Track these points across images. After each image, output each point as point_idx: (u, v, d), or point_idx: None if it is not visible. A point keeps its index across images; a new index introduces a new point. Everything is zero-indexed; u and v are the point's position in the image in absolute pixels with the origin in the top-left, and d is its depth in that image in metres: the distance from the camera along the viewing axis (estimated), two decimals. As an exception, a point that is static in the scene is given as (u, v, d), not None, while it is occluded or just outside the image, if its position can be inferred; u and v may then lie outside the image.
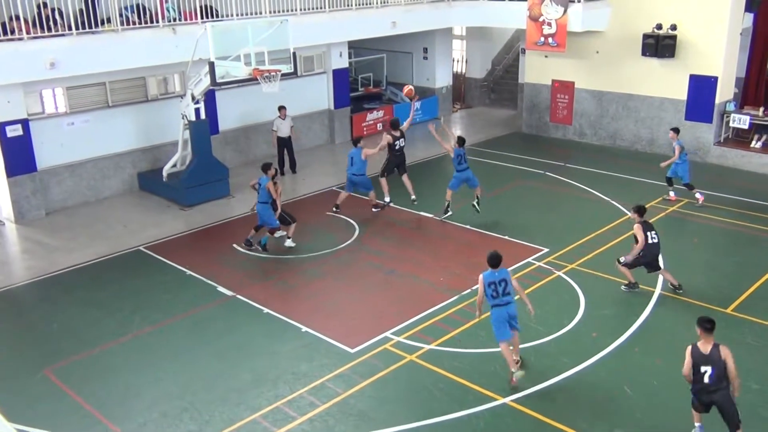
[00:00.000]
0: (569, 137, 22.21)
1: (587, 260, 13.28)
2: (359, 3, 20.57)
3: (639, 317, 11.23)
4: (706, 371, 7.82)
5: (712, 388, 7.87)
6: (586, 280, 12.50)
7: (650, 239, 11.62)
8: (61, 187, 16.56)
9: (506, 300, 9.47)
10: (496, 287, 9.41)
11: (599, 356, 10.18)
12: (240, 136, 19.89)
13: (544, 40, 20.34)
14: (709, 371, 7.81)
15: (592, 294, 11.99)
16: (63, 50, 14.75)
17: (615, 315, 11.37)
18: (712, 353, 7.82)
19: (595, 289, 12.20)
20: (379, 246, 14.14)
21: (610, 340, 10.58)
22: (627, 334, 10.73)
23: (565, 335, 10.76)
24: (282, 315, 11.51)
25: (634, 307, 11.55)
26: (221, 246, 14.32)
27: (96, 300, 12.23)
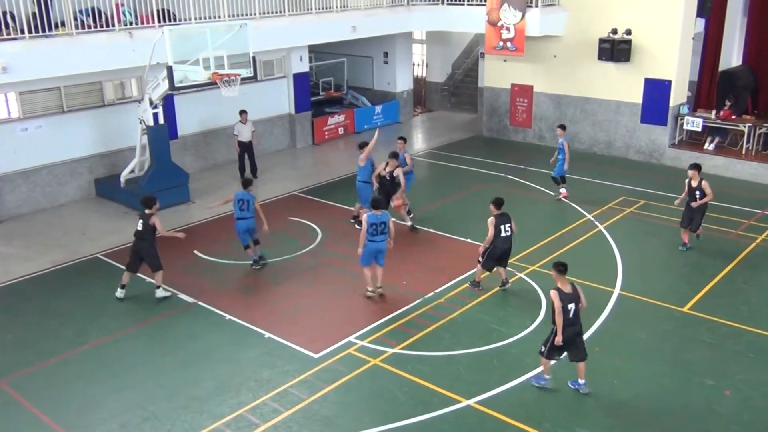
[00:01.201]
0: (529, 140, 22.46)
1: (548, 261, 13.42)
2: (319, 7, 20.53)
3: (599, 317, 11.40)
4: (572, 308, 8.99)
5: (574, 321, 9.04)
6: (547, 281, 12.61)
7: (503, 233, 11.82)
8: (15, 194, 16.16)
9: (380, 239, 11.67)
10: (376, 228, 11.55)
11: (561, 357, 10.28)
12: (200, 141, 19.67)
13: (502, 45, 20.54)
14: (573, 307, 8.99)
15: (553, 295, 12.10)
16: (15, 54, 14.39)
17: (576, 315, 11.48)
18: (573, 291, 9.03)
19: (556, 290, 12.32)
20: (342, 250, 14.10)
21: (571, 340, 10.70)
22: (587, 335, 10.83)
23: (528, 336, 10.86)
24: (245, 321, 11.41)
25: (593, 307, 11.67)
26: (182, 252, 14.12)
27: (52, 309, 11.96)
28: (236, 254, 13.94)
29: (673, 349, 10.65)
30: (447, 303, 11.87)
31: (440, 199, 17.23)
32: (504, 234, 11.84)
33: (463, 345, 10.59)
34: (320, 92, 25.10)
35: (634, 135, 20.40)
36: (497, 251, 11.95)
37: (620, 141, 20.71)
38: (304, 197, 17.47)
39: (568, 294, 9.02)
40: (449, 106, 27.88)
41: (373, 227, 11.51)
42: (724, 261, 13.40)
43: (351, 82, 25.99)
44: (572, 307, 8.99)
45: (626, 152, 20.67)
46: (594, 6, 20.16)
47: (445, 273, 12.92)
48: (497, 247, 11.91)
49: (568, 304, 8.98)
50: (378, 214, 11.54)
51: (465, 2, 21.88)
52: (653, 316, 11.55)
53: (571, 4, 20.63)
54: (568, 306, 8.99)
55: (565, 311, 8.97)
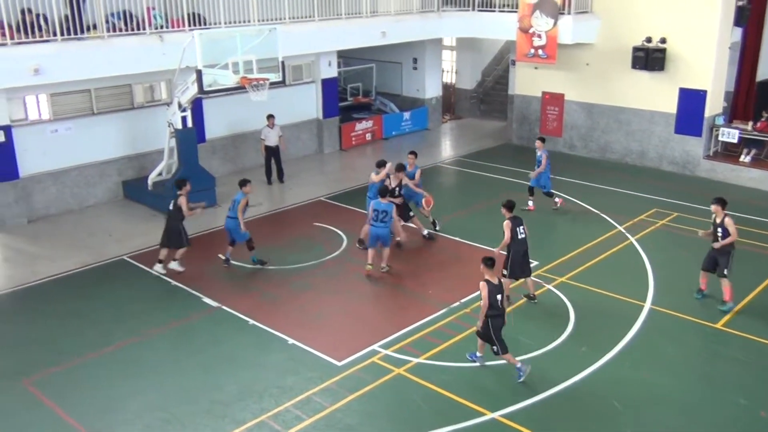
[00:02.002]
0: (559, 149, 22.31)
1: (577, 273, 13.31)
2: (349, 12, 20.63)
3: (629, 331, 11.25)
4: (500, 298, 9.78)
5: (501, 311, 9.81)
6: (576, 293, 12.52)
7: (518, 235, 11.81)
8: (44, 194, 16.43)
9: (381, 226, 13.02)
10: (378, 214, 12.94)
11: (589, 371, 10.18)
12: (227, 144, 19.84)
13: (534, 52, 20.45)
14: (500, 297, 9.78)
15: (582, 308, 12.01)
16: (47, 56, 14.67)
17: (605, 329, 11.38)
18: (500, 283, 9.85)
19: (585, 302, 12.23)
20: (367, 257, 14.08)
21: (599, 354, 10.59)
22: (616, 349, 10.75)
23: (555, 349, 10.76)
24: (268, 327, 11.46)
25: (623, 321, 11.58)
26: (207, 256, 14.24)
27: (78, 310, 12.12)
28: (261, 258, 14.00)
29: (704, 366, 10.48)
30: (473, 313, 11.79)
31: (468, 207, 17.17)
32: (520, 236, 11.87)
33: (488, 356, 10.49)
34: (348, 98, 25.19)
35: (668, 145, 20.16)
36: (518, 255, 11.91)
37: (653, 151, 20.48)
38: (331, 203, 17.52)
39: (496, 285, 9.74)
40: (479, 113, 27.80)
41: (375, 213, 13.01)
42: (760, 277, 13.17)
43: (379, 87, 26.05)
44: (500, 297, 9.79)
45: (659, 163, 20.44)
46: (628, 13, 19.99)
47: (472, 282, 12.79)
48: (517, 251, 11.88)
49: (496, 294, 9.72)
50: (383, 203, 12.97)
51: (496, 9, 21.85)
52: (684, 331, 11.37)
53: (605, 12, 20.49)
54: (497, 296, 9.74)
55: (494, 301, 9.71)
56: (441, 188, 19.41)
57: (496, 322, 9.78)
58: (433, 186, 19.10)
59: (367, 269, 13.26)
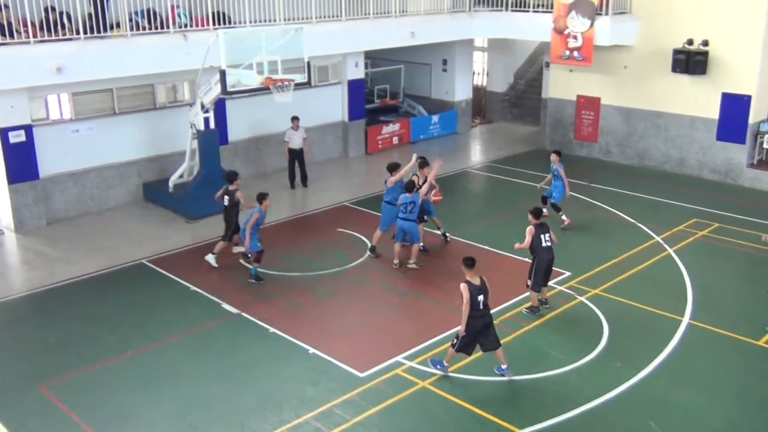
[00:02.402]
0: (594, 155, 22.14)
1: (611, 285, 13.17)
2: (377, 12, 20.70)
3: (666, 347, 11.10)
4: (481, 299, 9.80)
5: (484, 312, 9.85)
6: (610, 306, 12.39)
7: (543, 242, 11.83)
8: (64, 196, 16.68)
9: (409, 217, 13.58)
10: (406, 206, 13.54)
11: (623, 388, 10.06)
12: (250, 146, 19.99)
13: (569, 54, 20.34)
14: (482, 299, 9.81)
15: (617, 321, 11.88)
16: (70, 55, 14.92)
17: (640, 344, 11.24)
18: (482, 284, 9.84)
19: (620, 316, 12.09)
20: (391, 265, 14.09)
21: (634, 371, 10.47)
22: (653, 366, 10.61)
23: (587, 365, 10.65)
24: (289, 335, 11.49)
25: (660, 336, 11.43)
26: (227, 261, 14.33)
27: (96, 315, 12.27)
28: (282, 264, 14.08)
29: (745, 385, 10.29)
30: (501, 325, 11.71)
31: (497, 214, 17.10)
32: (545, 244, 11.90)
33: (517, 371, 10.44)
34: (375, 100, 25.24)
35: (709, 153, 19.90)
36: (543, 263, 11.94)
37: (694, 159, 20.23)
38: (355, 208, 17.55)
39: (477, 286, 9.79)
40: (510, 117, 27.70)
41: (403, 205, 13.54)
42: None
43: (407, 89, 26.07)
44: (482, 299, 9.81)
45: (700, 171, 20.18)
46: (668, 14, 19.80)
47: (500, 293, 12.77)
48: (542, 259, 11.92)
49: (477, 295, 9.77)
50: (409, 196, 13.47)
51: (530, 9, 21.77)
52: (725, 348, 11.19)
53: (644, 12, 20.31)
54: (478, 297, 9.78)
55: (475, 302, 9.76)
56: (469, 194, 19.35)
57: (475, 323, 9.88)
58: (461, 192, 19.06)
59: (395, 265, 13.83)
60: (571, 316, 12.14)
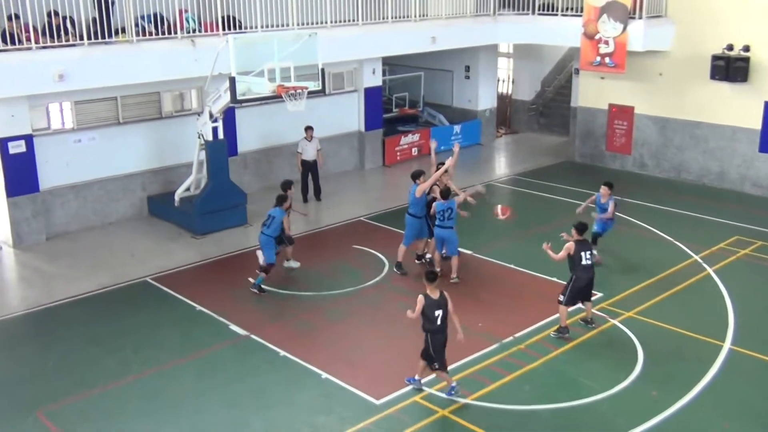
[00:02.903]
0: (628, 168, 22.01)
1: (647, 308, 13.04)
2: (395, 16, 20.76)
3: (705, 375, 10.95)
4: (440, 314, 9.93)
5: (442, 328, 9.98)
6: (645, 330, 12.26)
7: (584, 260, 11.81)
8: (65, 209, 16.81)
9: (448, 224, 13.77)
10: (444, 213, 13.67)
11: (659, 418, 9.92)
12: (261, 158, 20.06)
13: (600, 60, 20.28)
14: (440, 313, 9.93)
15: (652, 346, 11.75)
16: (73, 61, 15.07)
17: (678, 371, 11.11)
18: (441, 299, 9.98)
19: (656, 340, 11.96)
20: (411, 285, 14.03)
21: (672, 399, 10.33)
22: (692, 394, 10.47)
23: (621, 393, 10.53)
24: (300, 359, 11.45)
25: (699, 362, 11.28)
26: (236, 280, 14.34)
27: (96, 336, 12.30)
28: (293, 283, 14.06)
29: (794, 418, 10.11)
30: (528, 350, 11.63)
31: (523, 231, 17.00)
32: (585, 262, 11.86)
33: (544, 399, 10.34)
34: (393, 109, 25.29)
35: (752, 165, 19.71)
36: (581, 282, 11.91)
37: (735, 172, 20.04)
38: (372, 224, 17.53)
39: (434, 300, 9.94)
40: (537, 127, 27.63)
41: (440, 213, 13.65)
42: None
43: (428, 98, 26.11)
44: (439, 314, 9.94)
45: (742, 185, 19.98)
46: (707, 18, 19.69)
47: (527, 315, 12.69)
48: (580, 278, 11.88)
49: (435, 309, 9.92)
50: (445, 202, 13.65)
51: (558, 12, 21.75)
52: (771, 377, 11.03)
53: (681, 16, 20.22)
54: (435, 312, 9.91)
55: (432, 316, 9.91)
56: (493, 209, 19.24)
57: (436, 338, 10.01)
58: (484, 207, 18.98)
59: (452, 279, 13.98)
60: (602, 341, 12.01)
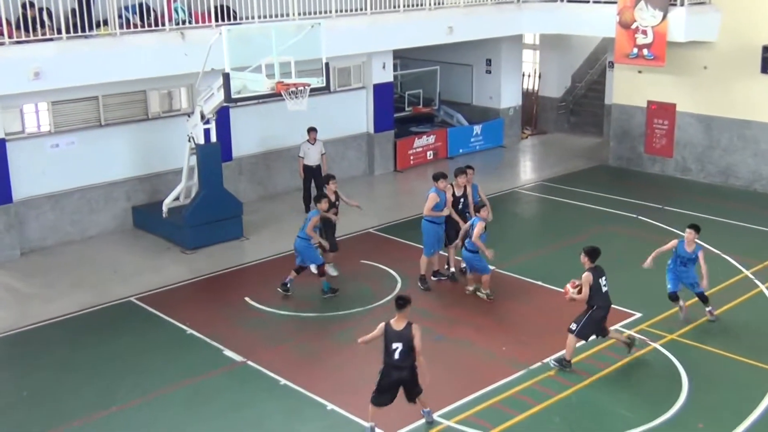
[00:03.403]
0: (669, 173, 21.95)
1: (691, 329, 12.99)
2: (408, 3, 20.83)
3: (758, 405, 10.88)
4: (397, 348, 9.62)
5: (401, 365, 9.67)
6: (691, 354, 12.21)
7: (602, 288, 11.65)
8: (41, 222, 16.89)
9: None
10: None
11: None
12: (258, 163, 20.12)
13: (637, 52, 20.27)
14: (399, 347, 9.60)
15: (698, 373, 11.69)
16: (50, 58, 15.17)
17: (727, 401, 11.06)
18: (404, 331, 9.63)
19: (703, 366, 11.93)
20: (425, 304, 14.01)
21: (720, 433, 10.27)
22: (743, 427, 10.40)
23: (663, 426, 10.46)
24: (303, 388, 11.45)
25: (752, 391, 11.21)
26: (231, 299, 14.37)
27: (76, 362, 12.34)
28: (295, 303, 14.07)
29: None
30: (558, 377, 11.59)
31: (552, 243, 16.96)
32: (604, 289, 11.71)
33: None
34: (406, 107, 25.33)
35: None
36: (601, 312, 11.70)
37: (790, 176, 19.98)
38: (382, 236, 17.54)
39: (396, 331, 9.65)
40: (567, 127, 27.62)
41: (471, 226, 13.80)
42: None
43: (444, 95, 26.14)
44: (398, 347, 9.63)
45: (798, 191, 19.90)
46: (756, 5, 19.67)
47: (557, 338, 12.60)
48: (600, 306, 11.68)
49: (393, 342, 9.62)
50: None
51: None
52: (833, 407, 10.93)
53: (728, 3, 20.19)
54: (393, 345, 9.62)
55: (389, 349, 9.65)
56: (519, 219, 19.24)
57: (388, 374, 9.82)
58: (509, 217, 18.97)
59: (467, 291, 14.34)
60: (642, 366, 11.97)
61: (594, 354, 12.25)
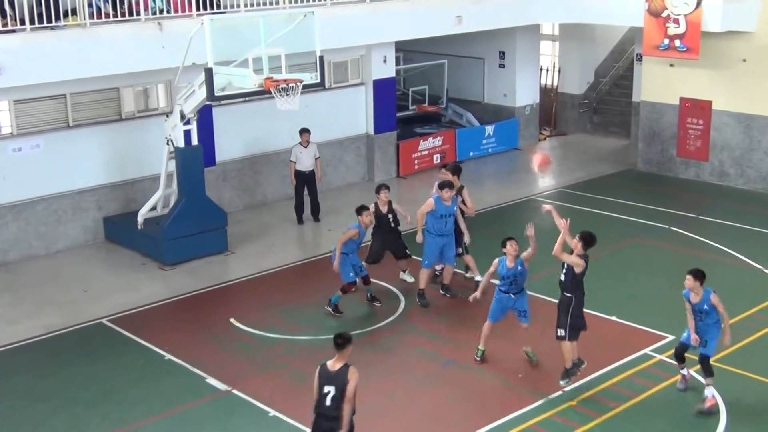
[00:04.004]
0: (705, 178, 21.98)
1: (729, 354, 12.98)
2: (412, -10, 20.91)
3: (804, 438, 10.94)
4: (329, 392, 8.95)
5: (329, 413, 8.93)
6: (728, 381, 12.20)
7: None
8: (2, 234, 16.92)
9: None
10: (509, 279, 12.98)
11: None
12: (244, 169, 20.17)
13: (669, 44, 20.33)
14: (331, 392, 8.93)
15: (738, 402, 11.71)
16: (12, 51, 15.23)
17: (770, 433, 11.09)
18: (339, 372, 8.97)
19: (742, 394, 11.95)
20: (431, 325, 14.07)
21: (762, 469, 10.33)
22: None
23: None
24: (295, 420, 11.49)
25: (796, 422, 11.26)
26: (214, 321, 14.41)
27: (43, 390, 12.37)
28: (285, 325, 14.11)
29: None
30: (580, 407, 11.62)
31: (574, 258, 16.99)
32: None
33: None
34: (410, 106, 25.37)
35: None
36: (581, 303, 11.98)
37: (840, 182, 20.04)
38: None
39: (329, 373, 9.06)
40: (590, 127, 27.65)
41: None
42: None
43: (453, 92, 26.19)
44: (330, 391, 8.98)
45: None
46: (802, -10, 19.78)
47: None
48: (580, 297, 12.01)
49: (324, 385, 9.03)
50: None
51: (616, -16, 21.86)
52: None
53: (769, -12, 20.30)
54: (324, 388, 9.02)
55: (320, 393, 9.04)
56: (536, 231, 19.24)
57: (316, 423, 9.18)
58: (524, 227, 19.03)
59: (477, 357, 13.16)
60: (675, 395, 11.98)
61: (621, 381, 12.29)
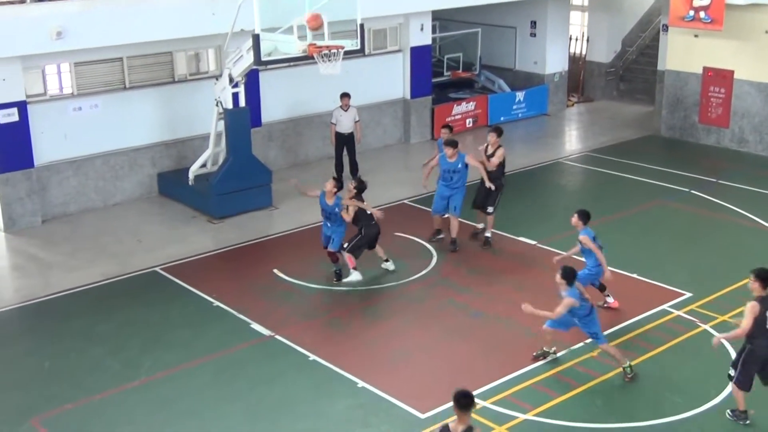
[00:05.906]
0: (725, 144, 21.68)
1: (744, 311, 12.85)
2: (449, -39, 20.67)
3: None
4: None
5: None
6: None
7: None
8: (63, 188, 17.12)
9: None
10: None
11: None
12: (288, 130, 20.18)
13: (694, 14, 19.98)
14: None
15: (751, 357, 11.57)
16: (73, 16, 15.29)
17: (782, 387, 10.94)
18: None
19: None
20: (462, 279, 14.03)
21: (774, 420, 10.21)
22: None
23: (713, 411, 10.44)
24: (333, 364, 11.53)
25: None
26: (259, 271, 14.49)
27: (99, 334, 12.54)
28: (325, 276, 14.14)
29: None
30: (601, 357, 11.56)
31: (598, 217, 16.81)
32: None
33: (620, 416, 10.31)
34: (445, 72, 25.22)
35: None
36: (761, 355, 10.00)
37: None
38: (417, 207, 17.53)
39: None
40: (616, 94, 27.35)
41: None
42: None
43: (485, 59, 25.96)
44: None
45: None
46: (825, -37, 19.26)
47: (602, 316, 12.59)
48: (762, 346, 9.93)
49: None
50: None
51: (644, -43, 21.46)
52: None
53: (793, -39, 19.81)
54: None
55: None
56: (562, 192, 19.12)
57: None
58: (551, 189, 18.88)
59: None
60: (691, 349, 11.89)
61: (641, 334, 12.23)
